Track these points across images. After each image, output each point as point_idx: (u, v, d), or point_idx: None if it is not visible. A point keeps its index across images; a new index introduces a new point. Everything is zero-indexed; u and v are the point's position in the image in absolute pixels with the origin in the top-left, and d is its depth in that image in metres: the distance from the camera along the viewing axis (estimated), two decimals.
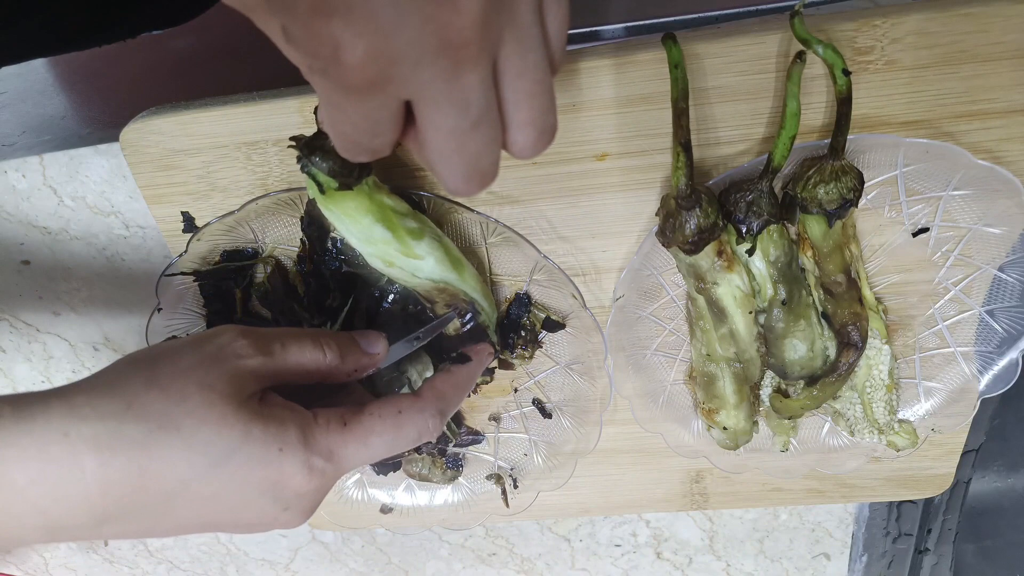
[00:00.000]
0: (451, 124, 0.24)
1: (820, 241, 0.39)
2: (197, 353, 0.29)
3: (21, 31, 0.41)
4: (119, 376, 0.28)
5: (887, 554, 0.62)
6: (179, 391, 0.28)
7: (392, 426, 0.32)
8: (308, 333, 0.33)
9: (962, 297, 0.42)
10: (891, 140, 0.37)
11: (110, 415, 0.27)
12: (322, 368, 0.32)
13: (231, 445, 0.28)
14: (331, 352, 0.33)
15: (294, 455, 0.29)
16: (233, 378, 0.29)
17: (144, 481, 0.27)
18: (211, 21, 0.59)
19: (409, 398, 0.34)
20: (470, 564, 0.68)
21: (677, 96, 0.34)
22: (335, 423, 0.31)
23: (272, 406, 0.30)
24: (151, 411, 0.27)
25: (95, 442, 0.26)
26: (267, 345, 0.31)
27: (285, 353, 0.31)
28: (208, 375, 0.29)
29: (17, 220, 0.48)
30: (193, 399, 0.28)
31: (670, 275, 0.43)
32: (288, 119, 0.40)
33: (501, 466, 0.51)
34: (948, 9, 0.35)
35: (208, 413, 0.28)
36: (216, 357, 0.29)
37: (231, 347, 0.30)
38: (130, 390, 0.28)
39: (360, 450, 0.31)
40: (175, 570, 0.72)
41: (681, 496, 0.53)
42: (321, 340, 0.33)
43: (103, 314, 0.52)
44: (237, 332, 0.31)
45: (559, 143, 0.40)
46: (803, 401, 0.43)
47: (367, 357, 0.34)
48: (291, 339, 0.32)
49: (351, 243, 0.38)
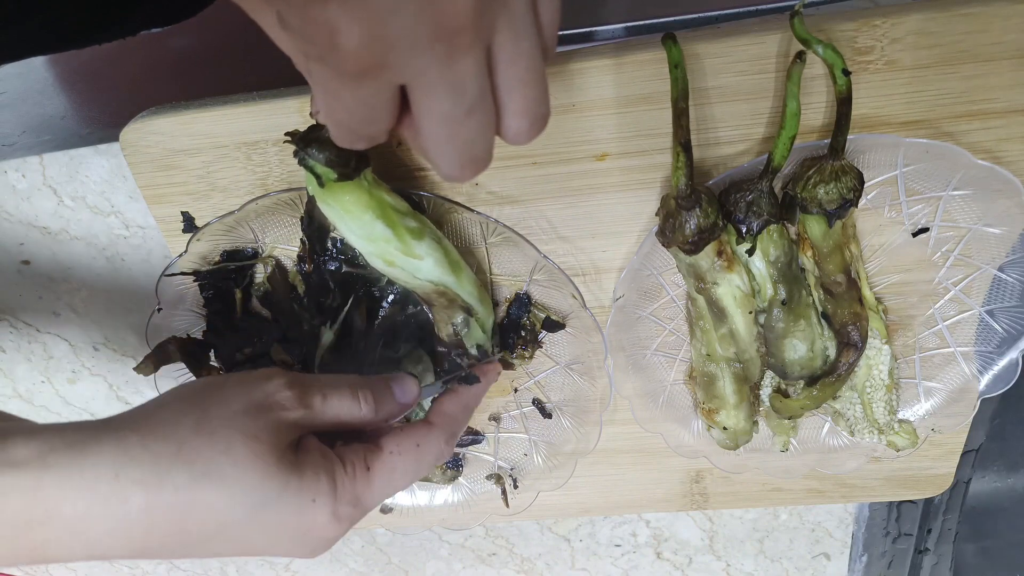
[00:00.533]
0: (445, 110, 0.24)
1: (820, 241, 0.39)
2: (244, 399, 0.31)
3: (21, 30, 0.41)
4: (171, 416, 0.29)
5: (887, 554, 0.62)
6: (225, 439, 0.29)
7: (412, 459, 0.34)
8: (348, 384, 0.34)
9: (962, 297, 0.42)
10: (891, 140, 0.37)
11: (160, 458, 0.28)
12: (356, 419, 0.34)
13: (270, 495, 0.29)
14: (367, 406, 0.34)
15: (324, 505, 0.31)
16: (276, 429, 0.30)
17: (186, 523, 0.28)
18: (211, 21, 0.59)
19: (424, 428, 0.35)
20: (470, 564, 0.68)
21: (677, 96, 0.34)
22: (360, 468, 0.32)
23: (307, 453, 0.31)
24: (198, 458, 0.28)
25: (143, 484, 0.27)
26: (309, 398, 0.32)
27: (325, 406, 0.32)
28: (253, 424, 0.30)
29: (17, 220, 0.48)
30: (238, 449, 0.29)
31: (670, 275, 0.43)
32: (288, 119, 0.40)
33: (501, 466, 0.51)
34: (948, 9, 0.35)
35: (251, 463, 0.29)
36: (262, 406, 0.31)
37: (276, 397, 0.31)
38: (180, 434, 0.29)
39: (384, 489, 0.33)
40: (175, 570, 0.72)
41: (681, 496, 0.53)
42: (359, 392, 0.34)
43: (103, 314, 0.52)
44: (284, 382, 0.32)
45: (559, 143, 0.40)
46: (803, 401, 0.43)
47: (399, 406, 0.36)
48: (332, 391, 0.33)
49: (351, 242, 0.38)
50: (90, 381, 0.56)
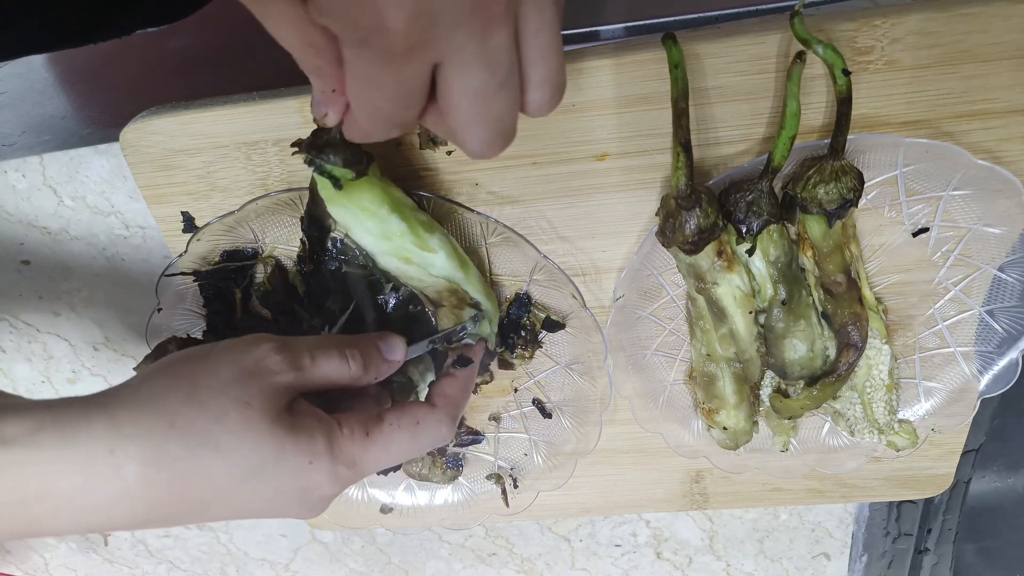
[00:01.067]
0: (479, 85, 0.24)
1: (820, 241, 0.39)
2: (234, 367, 0.31)
3: (20, 28, 0.41)
4: (161, 390, 0.29)
5: (887, 554, 0.62)
6: (218, 408, 0.29)
7: (410, 435, 0.34)
8: (335, 343, 0.34)
9: (962, 297, 0.42)
10: (891, 140, 0.37)
11: (153, 432, 0.28)
12: (346, 378, 0.34)
13: (266, 459, 0.29)
14: (356, 363, 0.34)
15: (321, 465, 0.31)
16: (268, 394, 0.30)
17: (184, 492, 0.29)
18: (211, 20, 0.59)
19: (425, 407, 0.35)
20: (470, 564, 0.68)
21: (677, 96, 0.34)
22: (358, 433, 0.32)
23: (301, 415, 0.31)
24: (192, 429, 0.28)
25: (140, 459, 0.27)
26: (299, 359, 0.32)
27: (314, 367, 0.33)
28: (245, 391, 0.30)
29: (17, 220, 0.48)
30: (231, 416, 0.29)
31: (670, 275, 0.43)
32: (288, 119, 0.40)
33: (501, 466, 0.51)
34: (948, 9, 0.35)
35: (245, 429, 0.29)
36: (252, 372, 0.31)
37: (266, 362, 0.31)
38: (171, 407, 0.29)
39: (380, 458, 0.33)
40: (175, 570, 0.72)
41: (681, 496, 0.53)
42: (347, 351, 0.34)
43: (103, 314, 0.52)
44: (272, 347, 0.32)
45: (559, 143, 0.40)
46: (803, 401, 0.43)
47: (387, 364, 0.36)
48: (320, 351, 0.33)
49: (366, 243, 0.38)
50: (90, 381, 0.56)
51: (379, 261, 0.39)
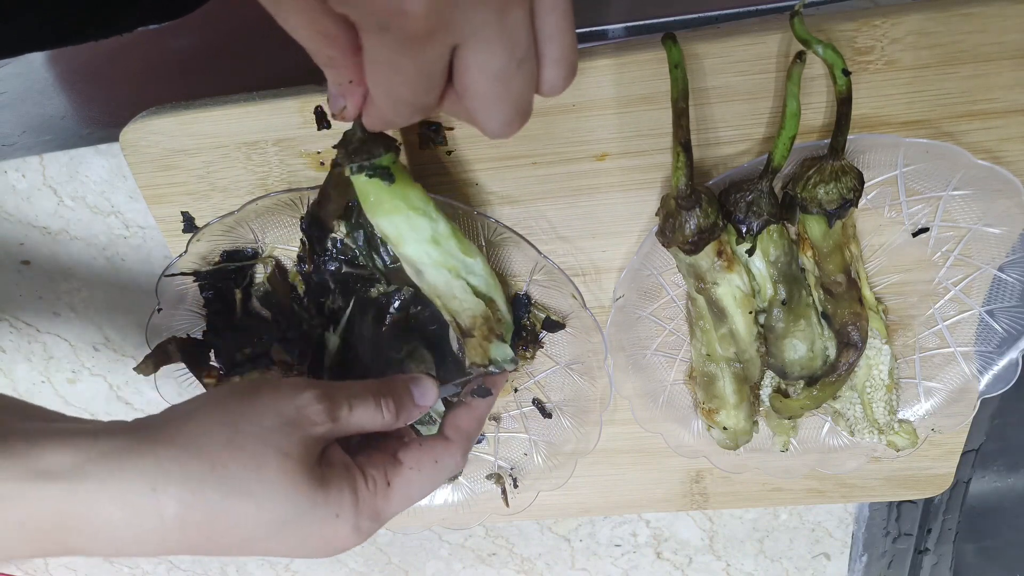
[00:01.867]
0: (499, 65, 0.24)
1: (820, 241, 0.39)
2: (277, 414, 0.31)
3: (19, 25, 0.41)
4: (204, 431, 0.30)
5: (887, 554, 0.62)
6: (258, 455, 0.30)
7: (429, 476, 0.35)
8: (371, 392, 0.35)
9: (962, 297, 0.42)
10: (891, 140, 0.37)
11: (194, 475, 0.29)
12: (379, 426, 0.35)
13: (297, 511, 0.31)
14: (389, 412, 0.35)
15: (347, 520, 0.32)
16: (306, 444, 0.31)
17: (215, 535, 0.30)
18: (211, 20, 0.59)
19: (441, 444, 0.36)
20: (470, 564, 0.68)
21: (677, 96, 0.34)
22: (381, 484, 0.34)
23: (332, 467, 0.32)
24: (231, 475, 0.29)
25: (179, 499, 0.28)
26: (337, 410, 0.33)
27: (351, 417, 0.33)
28: (285, 441, 0.31)
29: (17, 220, 0.48)
30: (270, 466, 0.30)
31: (670, 275, 0.43)
32: (288, 119, 0.40)
33: (501, 466, 0.51)
34: (948, 9, 0.35)
35: (281, 481, 0.30)
36: (294, 422, 0.31)
37: (306, 412, 0.32)
38: (213, 450, 0.30)
39: (402, 503, 0.34)
40: (175, 570, 0.72)
41: (681, 496, 0.53)
42: (382, 400, 0.35)
43: (103, 314, 0.52)
44: (314, 395, 0.33)
45: (559, 143, 0.40)
46: (803, 401, 0.43)
47: (418, 409, 0.37)
48: (358, 401, 0.34)
49: (414, 256, 0.37)
50: (90, 381, 0.56)
51: (427, 276, 0.38)
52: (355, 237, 0.42)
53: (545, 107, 0.39)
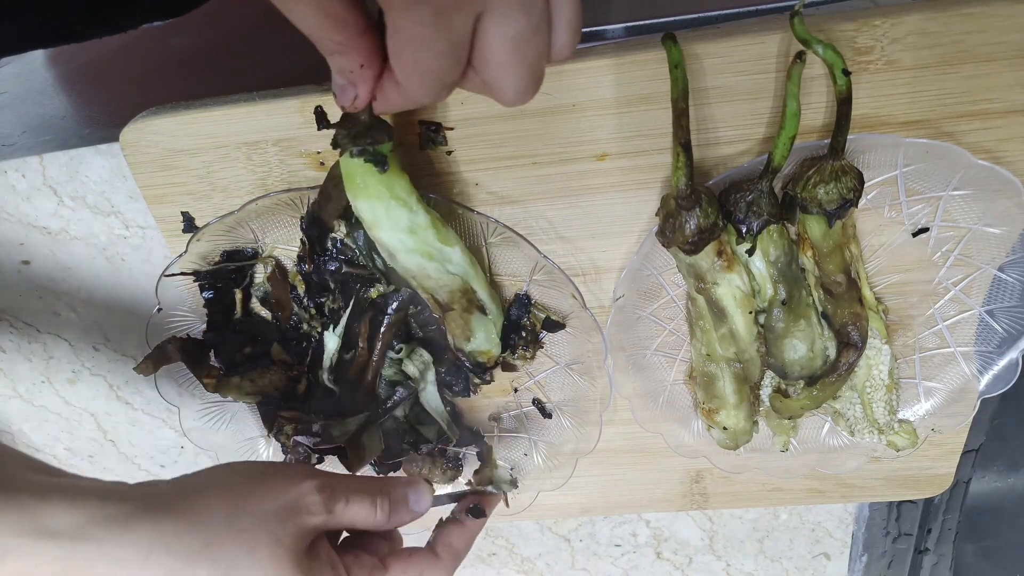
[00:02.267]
0: (518, 30, 0.25)
1: (820, 241, 0.39)
2: (277, 501, 0.32)
3: (20, 24, 0.41)
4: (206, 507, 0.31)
5: (887, 554, 0.62)
6: (253, 539, 0.31)
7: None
8: (369, 490, 0.36)
9: (962, 297, 0.42)
10: (891, 140, 0.37)
11: (189, 552, 0.30)
12: (370, 525, 0.36)
13: None
14: (383, 513, 0.36)
15: None
16: (299, 534, 0.32)
17: None
18: (212, 20, 0.59)
19: (429, 560, 0.37)
20: (470, 564, 0.68)
21: (677, 96, 0.34)
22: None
23: (318, 560, 0.33)
24: (224, 555, 0.30)
25: (171, 571, 0.29)
26: (334, 503, 0.34)
27: (346, 511, 0.34)
28: (281, 528, 0.32)
29: (17, 220, 0.48)
30: (262, 551, 0.31)
31: (670, 275, 0.43)
32: (288, 119, 0.40)
33: (501, 465, 0.51)
34: (948, 9, 0.35)
35: (271, 566, 0.31)
36: (292, 509, 0.32)
37: (305, 501, 0.33)
38: (212, 528, 0.31)
39: None
40: None
41: (681, 496, 0.53)
42: (378, 501, 0.36)
43: (103, 314, 0.52)
44: (315, 485, 0.34)
45: (559, 143, 0.40)
46: (803, 401, 0.43)
47: (411, 515, 0.37)
48: (354, 497, 0.35)
49: (388, 241, 0.38)
50: (90, 381, 0.56)
51: (400, 259, 0.38)
52: (355, 237, 0.42)
53: (545, 107, 0.39)
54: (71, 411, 0.58)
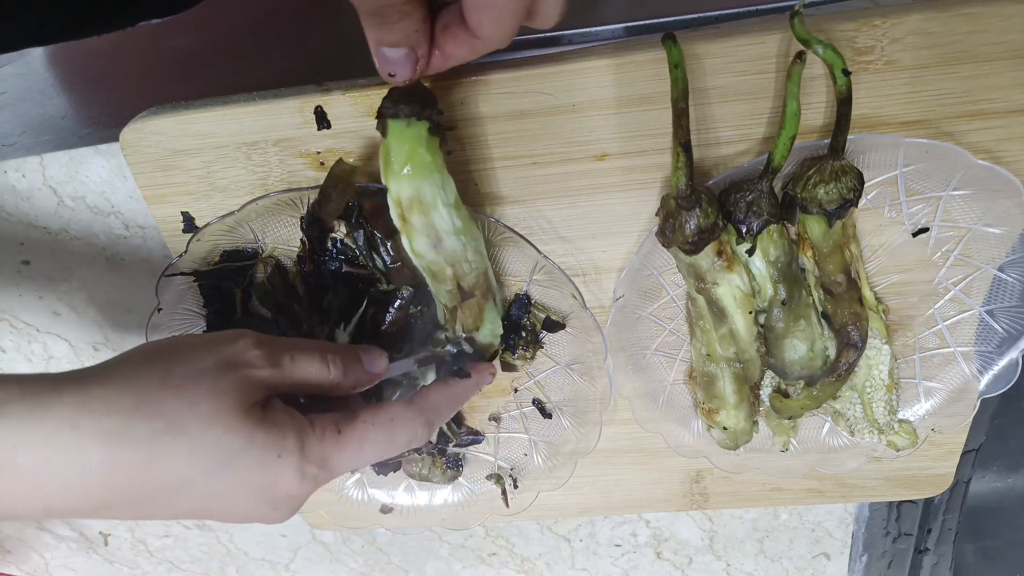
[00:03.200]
0: None
1: (820, 241, 0.39)
2: (212, 357, 0.30)
3: (20, 21, 0.41)
4: (135, 371, 0.29)
5: (887, 554, 0.62)
6: (191, 394, 0.29)
7: (385, 433, 0.33)
8: (317, 347, 0.34)
9: (962, 297, 0.42)
10: (891, 140, 0.37)
11: (121, 411, 0.27)
12: (324, 383, 0.34)
13: (234, 449, 0.29)
14: (336, 369, 0.34)
15: (290, 462, 0.30)
16: (243, 386, 0.30)
17: (147, 476, 0.28)
18: (211, 20, 0.59)
19: (401, 405, 0.35)
20: (470, 564, 0.68)
21: (677, 96, 0.34)
22: (331, 430, 0.32)
23: (274, 411, 0.31)
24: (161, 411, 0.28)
25: (102, 437, 0.27)
26: (279, 357, 0.32)
27: (294, 367, 0.32)
28: (220, 381, 0.29)
29: (17, 220, 0.48)
30: (203, 404, 0.29)
31: (670, 275, 0.43)
32: (288, 119, 0.40)
33: (501, 466, 0.51)
34: (948, 9, 0.35)
35: (216, 418, 0.29)
36: (230, 363, 0.30)
37: (245, 356, 0.31)
38: (143, 388, 0.28)
39: (353, 456, 0.33)
40: (175, 570, 0.72)
41: (681, 496, 0.53)
42: (328, 356, 0.33)
43: (103, 314, 0.52)
44: (252, 341, 0.32)
45: (559, 143, 0.40)
46: (803, 401, 0.43)
47: (367, 375, 0.35)
48: (301, 353, 0.33)
49: (440, 224, 0.36)
50: None
51: (445, 244, 0.36)
52: (355, 237, 0.42)
53: (545, 107, 0.39)
54: None
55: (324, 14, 0.58)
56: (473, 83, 0.38)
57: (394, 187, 0.35)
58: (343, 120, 0.39)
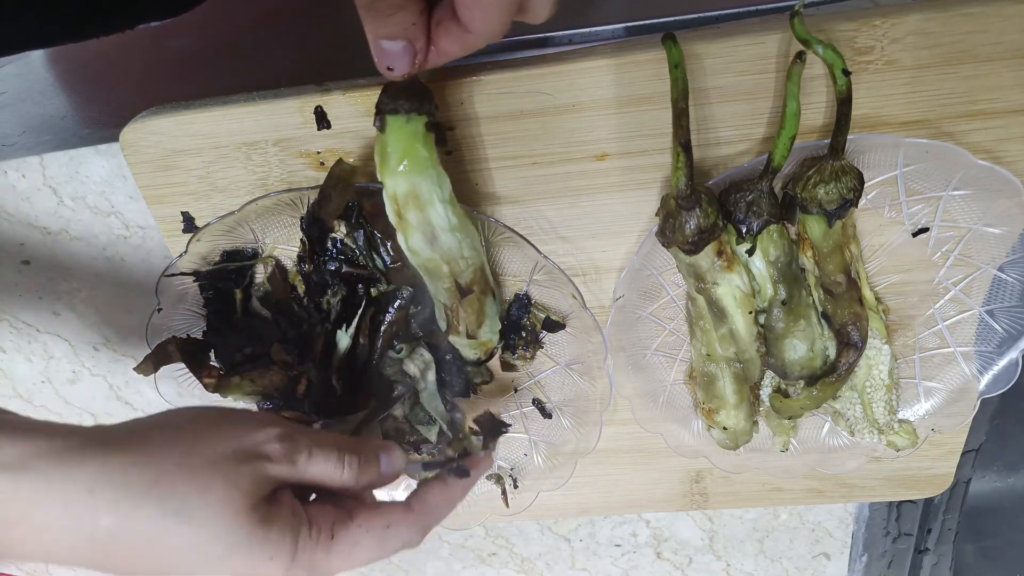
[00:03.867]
0: None
1: (820, 241, 0.39)
2: (234, 443, 0.31)
3: (20, 23, 0.41)
4: (158, 446, 0.30)
5: (887, 554, 0.62)
6: (205, 480, 0.29)
7: (377, 539, 0.33)
8: (336, 445, 0.34)
9: (962, 297, 0.42)
10: (891, 140, 0.37)
11: (135, 486, 0.28)
12: (336, 483, 0.34)
13: (232, 543, 0.30)
14: (350, 471, 0.34)
15: (281, 564, 0.31)
16: (256, 479, 0.31)
17: (146, 552, 0.29)
18: (211, 20, 0.59)
19: (399, 511, 0.35)
20: (470, 564, 0.68)
21: (677, 96, 0.34)
22: (324, 535, 0.32)
23: (279, 507, 0.31)
24: (173, 493, 0.29)
25: (115, 508, 0.28)
26: (296, 454, 0.32)
27: (309, 464, 0.33)
28: (236, 471, 0.30)
29: (17, 220, 0.48)
30: (215, 492, 0.29)
31: (670, 275, 0.43)
32: (288, 119, 0.40)
33: (501, 466, 0.51)
34: (948, 9, 0.35)
35: (223, 508, 0.29)
36: (250, 454, 0.31)
37: (266, 448, 0.31)
38: (161, 465, 0.29)
39: (342, 563, 0.33)
40: None
41: (681, 496, 0.53)
42: (345, 457, 0.34)
43: (103, 314, 0.52)
44: (276, 434, 0.32)
45: (559, 143, 0.40)
46: (803, 401, 0.43)
47: (380, 479, 0.35)
48: (319, 451, 0.33)
49: (436, 220, 0.36)
50: (90, 381, 0.56)
51: (441, 240, 0.36)
52: (355, 237, 0.42)
53: (545, 107, 0.39)
54: (71, 411, 0.58)
55: (324, 14, 0.58)
56: (473, 83, 0.38)
57: (390, 183, 0.35)
58: (343, 120, 0.40)
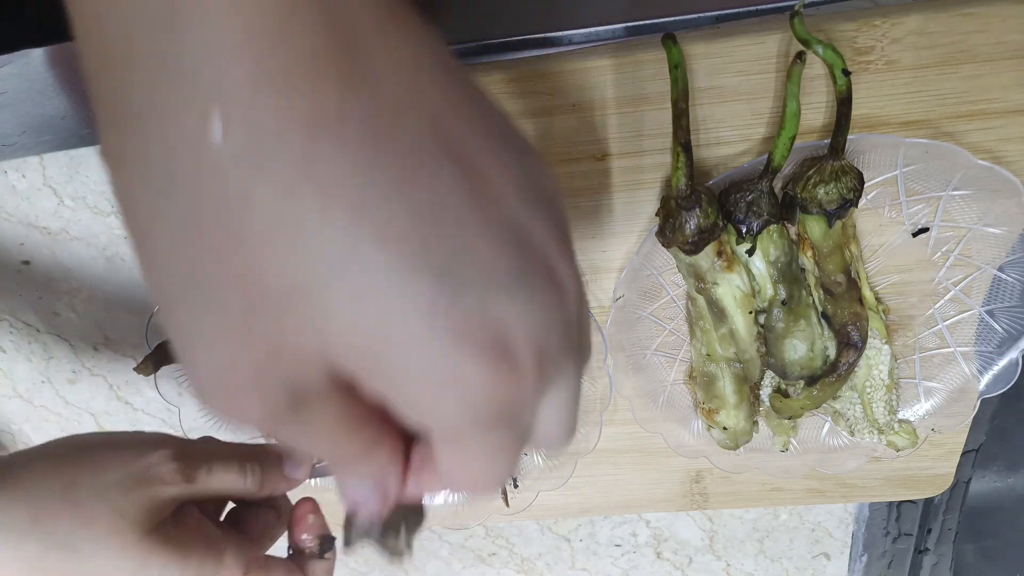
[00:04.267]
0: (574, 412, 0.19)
1: (820, 241, 0.39)
2: (121, 470, 0.29)
3: (19, 22, 0.41)
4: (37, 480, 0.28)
5: (887, 554, 0.62)
6: (89, 511, 0.28)
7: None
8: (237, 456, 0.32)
9: (962, 297, 0.42)
10: (891, 140, 0.37)
11: (15, 525, 0.27)
12: (241, 491, 0.33)
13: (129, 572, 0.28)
14: (253, 479, 0.33)
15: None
16: (148, 505, 0.29)
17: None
18: None
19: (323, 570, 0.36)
20: (470, 564, 0.68)
21: (677, 96, 0.34)
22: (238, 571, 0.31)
23: (185, 530, 0.30)
24: (56, 528, 0.27)
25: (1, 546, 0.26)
26: (194, 471, 0.31)
27: (209, 479, 0.31)
28: (123, 499, 0.28)
29: (17, 220, 0.48)
30: (101, 523, 0.28)
31: (670, 275, 0.43)
32: None
33: None
34: (948, 9, 0.35)
35: (111, 540, 0.28)
36: (139, 479, 0.29)
37: (158, 470, 0.30)
38: (43, 502, 0.28)
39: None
40: None
41: (681, 496, 0.53)
42: (247, 466, 0.33)
43: (103, 314, 0.52)
44: (168, 454, 0.30)
45: (559, 143, 0.40)
46: (803, 401, 0.43)
47: (287, 482, 0.35)
48: (219, 463, 0.32)
49: None
50: (90, 381, 0.56)
51: None
52: None
53: (545, 107, 0.39)
54: (71, 411, 0.58)
55: None
56: None
57: None
58: None
